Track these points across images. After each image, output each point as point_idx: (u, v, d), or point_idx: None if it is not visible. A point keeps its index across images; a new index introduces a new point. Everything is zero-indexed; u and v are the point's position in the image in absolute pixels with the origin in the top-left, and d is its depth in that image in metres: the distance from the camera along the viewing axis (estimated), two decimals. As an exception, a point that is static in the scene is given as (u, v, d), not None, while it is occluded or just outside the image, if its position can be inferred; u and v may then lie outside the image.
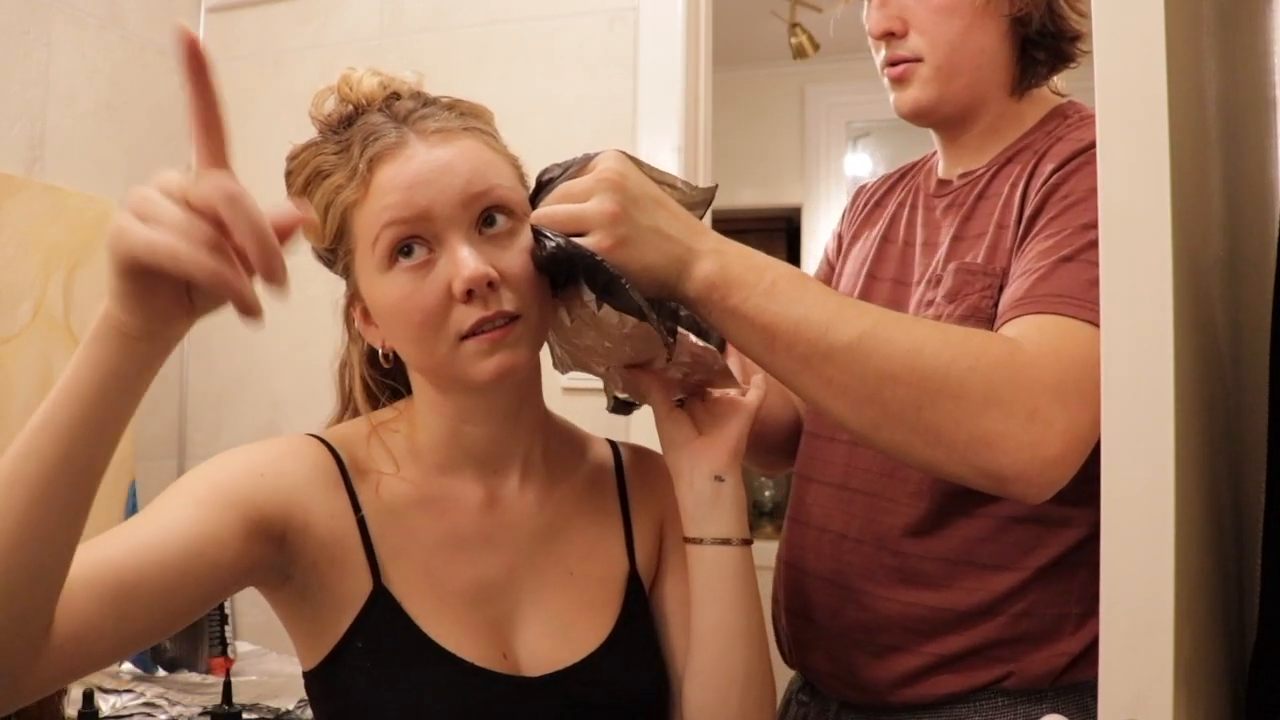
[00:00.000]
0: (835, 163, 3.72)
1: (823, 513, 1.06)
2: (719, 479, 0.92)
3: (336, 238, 0.86)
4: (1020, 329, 0.84)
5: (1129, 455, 0.64)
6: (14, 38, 1.65)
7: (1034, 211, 0.93)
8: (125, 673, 1.62)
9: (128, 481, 1.73)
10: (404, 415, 0.92)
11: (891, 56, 1.04)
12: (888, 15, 1.02)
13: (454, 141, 0.84)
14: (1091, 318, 0.81)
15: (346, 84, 0.88)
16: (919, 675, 0.97)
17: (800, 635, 1.08)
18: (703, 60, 1.81)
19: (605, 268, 0.79)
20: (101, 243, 1.75)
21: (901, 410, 0.79)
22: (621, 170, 0.82)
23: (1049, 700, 0.93)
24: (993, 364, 0.78)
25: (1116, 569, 0.64)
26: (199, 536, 0.76)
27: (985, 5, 1.00)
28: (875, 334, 0.79)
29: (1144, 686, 0.61)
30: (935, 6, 1.00)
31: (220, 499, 0.79)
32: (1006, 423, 0.77)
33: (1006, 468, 0.78)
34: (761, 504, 3.87)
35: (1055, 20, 1.02)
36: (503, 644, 0.87)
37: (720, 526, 0.92)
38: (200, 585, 0.76)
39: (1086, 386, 0.77)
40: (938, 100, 1.03)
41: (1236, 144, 0.83)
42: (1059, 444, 0.77)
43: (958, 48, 1.01)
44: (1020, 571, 0.95)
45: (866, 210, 1.21)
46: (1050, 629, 0.94)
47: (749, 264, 0.82)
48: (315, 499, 0.84)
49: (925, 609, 0.97)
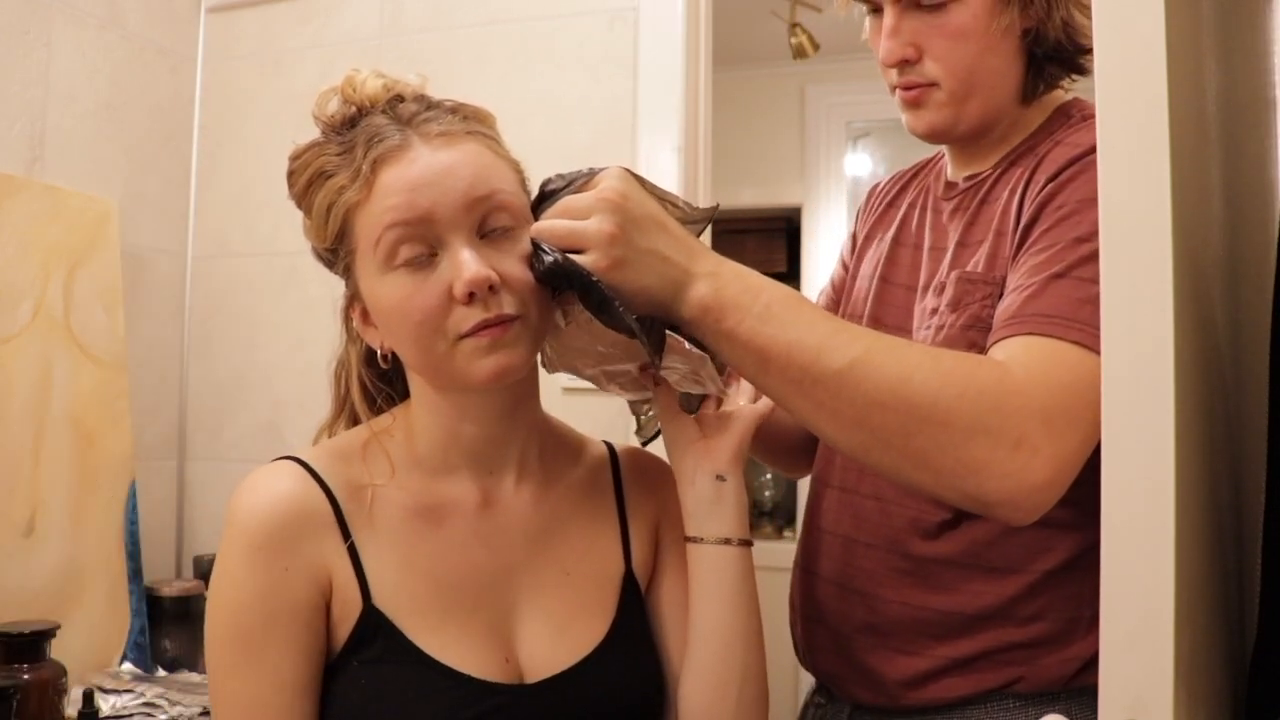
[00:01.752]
0: (835, 163, 3.72)
1: (833, 516, 1.07)
2: (721, 478, 0.93)
3: (338, 238, 0.87)
4: (1010, 351, 0.84)
5: (1129, 456, 0.64)
6: (14, 38, 1.65)
7: (1029, 222, 0.93)
8: (125, 673, 1.62)
9: (128, 481, 1.73)
10: (400, 422, 0.92)
11: (905, 82, 1.03)
12: (901, 44, 1.01)
13: (457, 145, 0.85)
14: (1081, 339, 0.82)
15: (350, 85, 0.88)
16: (929, 677, 0.98)
17: (813, 638, 1.09)
18: (703, 60, 1.81)
19: (599, 287, 0.80)
20: (101, 243, 1.76)
21: (890, 436, 0.80)
22: (623, 190, 0.82)
23: (1061, 704, 0.93)
24: (980, 391, 0.79)
25: (1116, 569, 0.64)
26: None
27: (1002, 29, 0.98)
28: (866, 361, 0.80)
29: (1144, 688, 0.61)
30: (949, 33, 0.99)
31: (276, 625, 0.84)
32: (993, 451, 0.78)
33: (992, 494, 0.79)
34: (761, 504, 3.87)
35: (1070, 35, 1.01)
36: (504, 647, 0.88)
37: (721, 526, 0.92)
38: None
39: (1074, 411, 0.79)
40: (954, 122, 1.03)
41: (1236, 144, 0.83)
42: (1045, 471, 0.78)
43: (973, 71, 1.00)
44: (1029, 575, 0.95)
45: (880, 210, 1.21)
46: (1062, 632, 0.94)
47: (744, 286, 0.83)
48: (313, 552, 0.85)
49: (934, 612, 0.98)
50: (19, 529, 1.54)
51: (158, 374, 1.95)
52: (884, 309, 1.09)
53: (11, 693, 1.24)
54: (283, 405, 1.95)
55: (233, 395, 2.00)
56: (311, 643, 0.84)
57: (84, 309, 1.68)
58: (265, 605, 0.83)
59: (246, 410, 1.99)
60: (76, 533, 1.63)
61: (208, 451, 2.01)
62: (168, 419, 1.99)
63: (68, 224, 1.68)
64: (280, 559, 0.84)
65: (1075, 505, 0.81)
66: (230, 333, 2.01)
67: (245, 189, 2.01)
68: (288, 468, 0.88)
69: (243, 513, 0.85)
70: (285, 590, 0.83)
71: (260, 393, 1.98)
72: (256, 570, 0.83)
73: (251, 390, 1.99)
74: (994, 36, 0.99)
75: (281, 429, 1.94)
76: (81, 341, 1.68)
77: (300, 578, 0.84)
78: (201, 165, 2.04)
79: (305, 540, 0.85)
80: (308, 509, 0.86)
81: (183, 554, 1.99)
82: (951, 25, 0.99)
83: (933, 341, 0.98)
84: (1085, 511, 0.89)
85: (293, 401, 1.94)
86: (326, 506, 0.86)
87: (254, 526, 0.84)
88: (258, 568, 0.83)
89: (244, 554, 0.84)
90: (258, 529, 0.84)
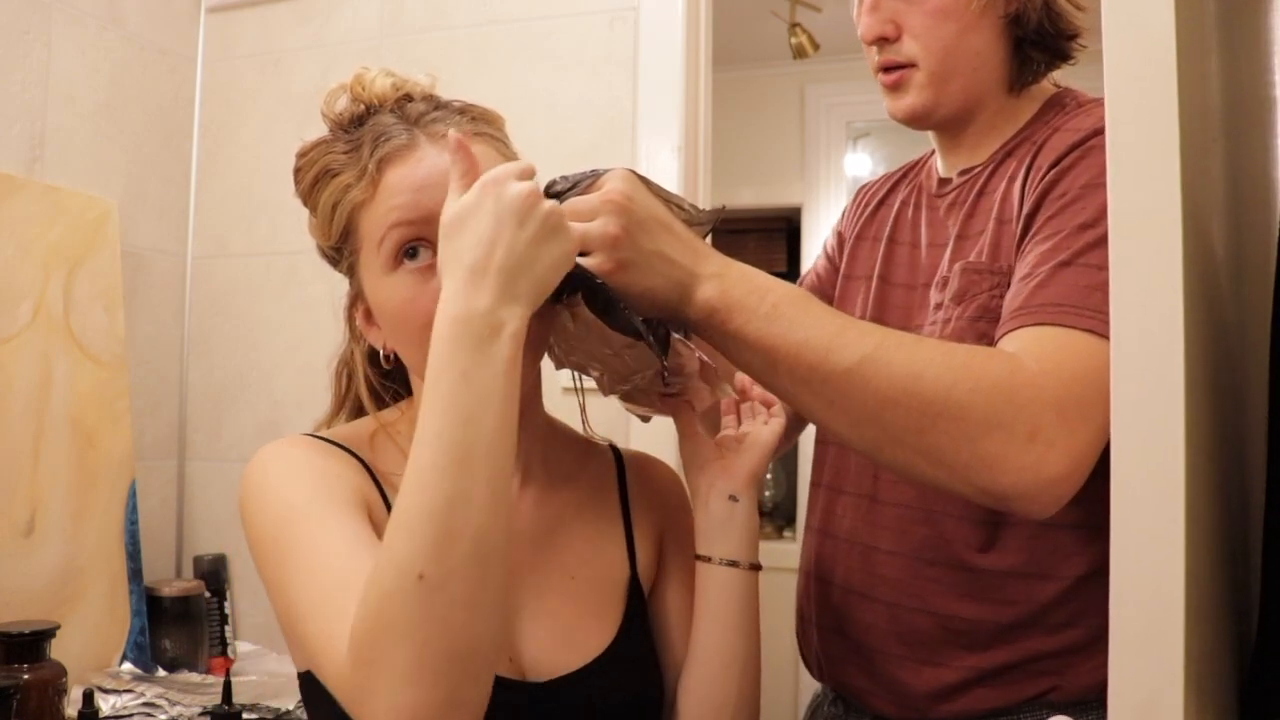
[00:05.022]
0: (835, 163, 3.72)
1: (851, 525, 1.06)
2: (733, 499, 0.94)
3: (343, 236, 0.86)
4: (1021, 342, 0.84)
5: (1139, 455, 0.63)
6: (14, 38, 1.65)
7: (1032, 209, 0.92)
8: (125, 672, 1.62)
9: (128, 481, 1.73)
10: (407, 416, 0.92)
11: (885, 61, 1.03)
12: (880, 20, 1.01)
13: None
14: (1091, 326, 0.81)
15: (359, 84, 0.88)
16: (958, 689, 0.96)
17: (833, 650, 1.07)
18: (703, 60, 1.81)
19: (604, 290, 0.80)
20: (101, 243, 1.76)
21: (903, 432, 0.80)
22: (628, 192, 0.82)
23: (1095, 712, 0.90)
24: (993, 385, 0.78)
25: (1126, 570, 0.63)
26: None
27: (980, 7, 0.99)
28: (876, 358, 0.79)
29: (1155, 690, 0.61)
30: (929, 10, 0.99)
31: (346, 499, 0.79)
32: (1008, 444, 0.77)
33: (1009, 488, 0.78)
34: (761, 504, 3.86)
35: (1053, 19, 1.01)
36: (509, 648, 0.87)
37: (730, 548, 0.93)
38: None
39: (1088, 401, 0.78)
40: (933, 105, 1.02)
41: (1237, 143, 0.83)
42: (1061, 463, 0.77)
43: (952, 51, 1.00)
44: (1060, 580, 0.94)
45: (870, 210, 1.20)
46: (1094, 639, 0.91)
47: (750, 287, 0.83)
48: (356, 479, 0.83)
49: (963, 621, 0.96)
50: (19, 529, 1.54)
51: (158, 374, 1.95)
52: (885, 309, 1.09)
53: (11, 693, 1.24)
54: (282, 405, 1.95)
55: (232, 395, 2.00)
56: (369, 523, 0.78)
57: (84, 309, 1.68)
58: (321, 495, 0.78)
59: (246, 410, 1.99)
60: (76, 533, 1.62)
61: (207, 451, 2.01)
62: (167, 419, 1.98)
63: (68, 224, 1.68)
64: (329, 468, 0.81)
65: (1101, 505, 0.81)
66: (230, 332, 2.01)
67: (245, 189, 2.00)
68: (302, 435, 0.87)
69: (267, 457, 0.82)
70: (337, 485, 0.79)
71: (260, 393, 1.98)
72: (300, 475, 0.80)
73: (251, 390, 1.98)
74: (974, 15, 0.99)
75: (281, 429, 1.93)
76: (81, 341, 1.68)
77: (348, 484, 0.81)
78: (201, 165, 2.04)
79: (346, 468, 0.83)
80: (339, 453, 0.85)
81: (183, 554, 1.99)
82: (931, 3, 0.99)
83: (940, 335, 0.97)
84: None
85: (292, 401, 1.94)
86: (357, 461, 0.85)
87: (293, 452, 0.82)
88: (302, 473, 0.80)
89: (285, 470, 0.80)
90: (298, 452, 0.82)
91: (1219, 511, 0.75)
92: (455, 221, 0.71)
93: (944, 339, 0.96)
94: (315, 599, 0.72)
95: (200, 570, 1.88)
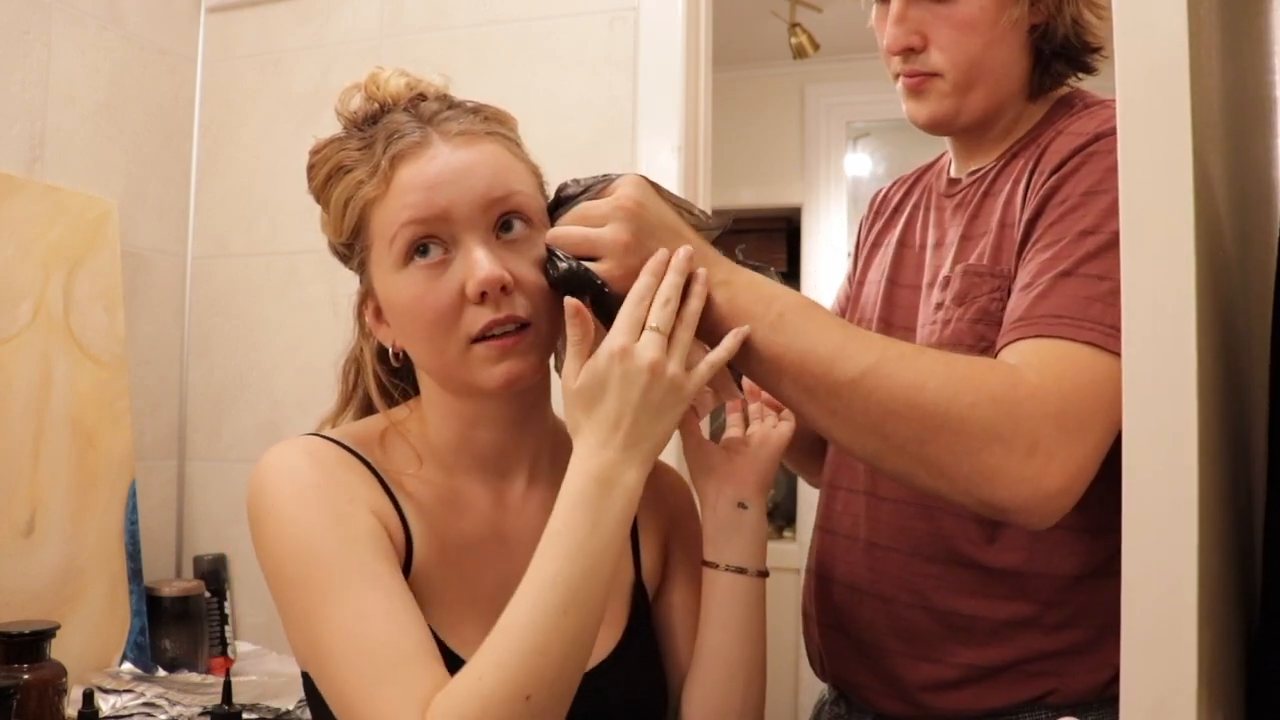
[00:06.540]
0: (835, 163, 3.72)
1: (851, 521, 1.06)
2: (742, 506, 0.94)
3: (354, 233, 0.87)
4: (1021, 354, 0.84)
5: (1151, 456, 0.63)
6: (14, 38, 1.64)
7: (1033, 214, 0.92)
8: (125, 673, 1.62)
9: (128, 481, 1.73)
10: (416, 414, 0.92)
11: (909, 71, 1.02)
12: (906, 31, 1.00)
13: (477, 145, 0.85)
14: (1091, 339, 0.81)
15: (374, 82, 0.89)
16: (958, 684, 0.96)
17: (834, 647, 1.07)
18: (703, 60, 1.81)
19: (612, 296, 0.81)
20: (101, 243, 1.76)
21: (904, 444, 0.80)
22: (639, 199, 0.82)
23: (1094, 713, 0.92)
24: (993, 398, 0.79)
25: (1139, 571, 0.63)
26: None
27: (1010, 21, 0.98)
28: (878, 370, 0.80)
29: (1168, 690, 0.61)
30: (956, 23, 0.98)
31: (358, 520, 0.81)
32: (1007, 458, 0.78)
33: (1007, 501, 0.79)
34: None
35: (1079, 32, 1.00)
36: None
37: (737, 554, 0.93)
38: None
39: (1087, 414, 0.78)
40: (955, 113, 1.02)
41: (1238, 143, 0.83)
42: (1060, 476, 0.78)
43: (978, 63, 0.99)
44: (1058, 579, 0.94)
45: (886, 215, 1.20)
46: (1093, 640, 0.93)
47: (757, 295, 0.83)
48: (368, 495, 0.84)
49: (962, 617, 0.96)
50: (19, 529, 1.54)
51: (157, 374, 1.95)
52: (893, 310, 1.09)
53: (11, 693, 1.24)
54: (282, 405, 1.95)
55: (232, 395, 1.99)
56: (395, 565, 0.81)
57: (84, 309, 1.68)
58: (338, 532, 0.79)
59: (246, 410, 1.98)
60: (76, 533, 1.62)
61: (207, 451, 2.01)
62: (167, 419, 1.98)
63: (68, 224, 1.68)
64: (340, 493, 0.81)
65: (1105, 507, 0.80)
66: (230, 332, 2.00)
67: (245, 189, 2.00)
68: (309, 437, 0.87)
69: (276, 470, 0.82)
70: (353, 521, 0.80)
71: (260, 393, 1.98)
72: (313, 506, 0.80)
73: (251, 390, 1.98)
74: (1002, 29, 0.98)
75: (281, 429, 1.93)
76: (81, 341, 1.67)
77: (363, 510, 0.81)
78: (201, 165, 2.04)
79: (356, 482, 0.83)
80: (347, 459, 0.85)
81: (183, 554, 1.99)
82: (959, 15, 0.98)
83: (940, 336, 0.97)
84: (1114, 514, 0.89)
85: (292, 401, 1.93)
86: (364, 466, 0.86)
87: (302, 469, 0.82)
88: (315, 504, 0.80)
89: (296, 496, 0.80)
90: (307, 469, 0.82)
91: (1228, 511, 0.75)
92: (586, 392, 0.79)
93: (944, 340, 0.96)
94: (363, 667, 0.74)
95: (200, 570, 1.88)
